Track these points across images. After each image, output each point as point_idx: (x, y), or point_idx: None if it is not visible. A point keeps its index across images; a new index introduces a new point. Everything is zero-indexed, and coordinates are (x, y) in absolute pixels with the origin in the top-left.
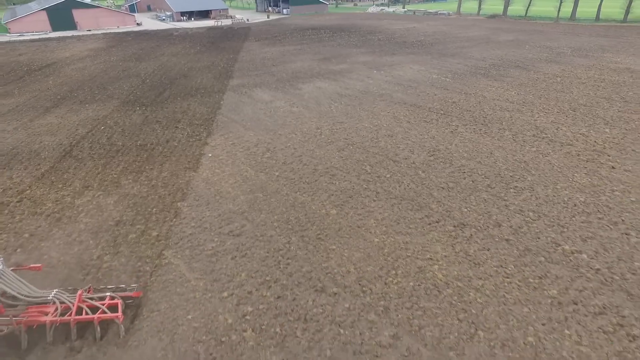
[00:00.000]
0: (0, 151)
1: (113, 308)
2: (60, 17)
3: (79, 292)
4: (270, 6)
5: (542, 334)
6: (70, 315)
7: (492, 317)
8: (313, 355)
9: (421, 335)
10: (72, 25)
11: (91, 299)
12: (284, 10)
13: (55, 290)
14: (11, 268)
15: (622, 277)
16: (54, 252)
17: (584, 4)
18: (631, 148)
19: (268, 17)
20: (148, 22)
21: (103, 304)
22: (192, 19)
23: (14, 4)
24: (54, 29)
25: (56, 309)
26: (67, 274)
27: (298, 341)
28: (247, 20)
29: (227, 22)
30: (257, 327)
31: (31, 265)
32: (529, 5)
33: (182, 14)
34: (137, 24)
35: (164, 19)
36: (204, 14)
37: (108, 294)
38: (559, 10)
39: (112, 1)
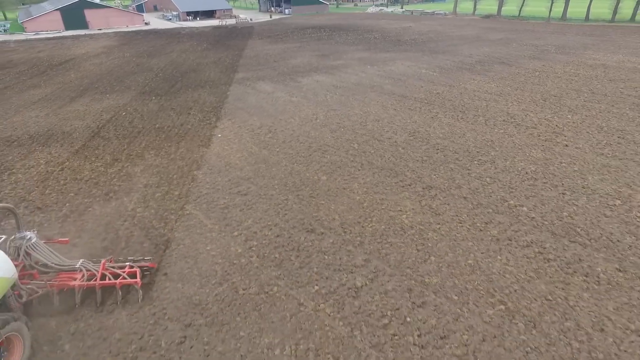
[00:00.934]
0: (38, 132)
1: (132, 276)
2: (72, 17)
3: (103, 261)
4: (272, 6)
5: (480, 258)
6: (95, 280)
7: (443, 248)
8: (304, 271)
9: (386, 260)
10: (84, 25)
11: (113, 267)
12: (286, 10)
13: (81, 260)
14: (42, 241)
15: (551, 222)
16: (96, 206)
17: (575, 4)
18: (586, 130)
19: (270, 17)
20: (155, 22)
21: (124, 272)
22: (198, 18)
23: (23, 4)
24: (67, 28)
25: (83, 275)
26: (108, 220)
27: (292, 263)
28: (251, 19)
29: (231, 21)
30: (261, 254)
31: (59, 239)
32: (522, 5)
33: (188, 13)
34: (145, 24)
35: (170, 19)
36: (209, 14)
37: (127, 263)
38: (550, 10)
39: (119, 1)
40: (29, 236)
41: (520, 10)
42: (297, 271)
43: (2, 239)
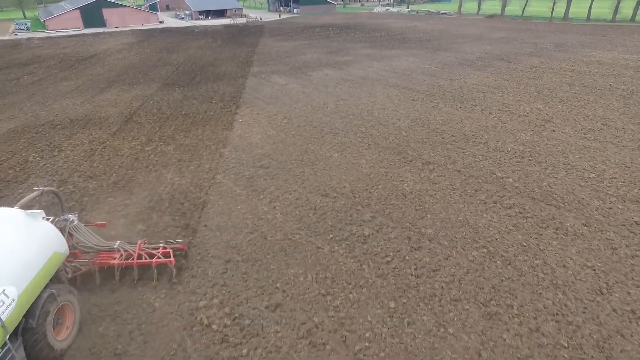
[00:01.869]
0: (77, 117)
1: (166, 255)
2: (91, 15)
3: (139, 242)
4: (281, 6)
5: (469, 216)
6: (132, 259)
7: (438, 209)
8: (320, 224)
9: (390, 216)
10: (102, 23)
11: (147, 248)
12: (294, 10)
13: (118, 241)
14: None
15: (532, 190)
16: (139, 176)
17: (577, 5)
18: (573, 118)
19: (280, 16)
20: (169, 20)
21: (158, 252)
22: (209, 17)
23: (38, 3)
24: (86, 26)
25: (121, 255)
26: (151, 186)
27: (310, 218)
28: (261, 19)
29: (242, 20)
30: (284, 212)
31: (97, 223)
32: (525, 5)
33: (200, 12)
34: (160, 22)
35: (183, 17)
36: (220, 13)
37: (161, 244)
38: (552, 10)
39: (132, 0)
40: (71, 218)
41: (523, 10)
42: (314, 224)
43: (49, 220)
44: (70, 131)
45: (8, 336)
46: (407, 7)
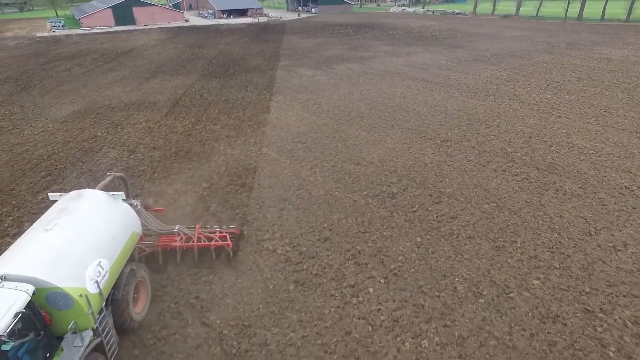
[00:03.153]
0: (130, 102)
1: (222, 239)
2: (122, 14)
3: (197, 226)
4: (300, 5)
5: (482, 180)
6: (192, 242)
7: (454, 175)
8: (355, 185)
9: (414, 180)
10: (132, 21)
11: (204, 232)
12: (313, 10)
13: (177, 226)
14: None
15: (537, 162)
16: (195, 148)
17: (591, 5)
18: (579, 107)
19: (299, 16)
20: (193, 19)
21: (215, 235)
22: (232, 16)
23: (66, 2)
24: (117, 24)
25: (181, 238)
26: (207, 156)
27: (346, 180)
28: (281, 17)
29: (263, 19)
30: (323, 175)
31: (156, 208)
32: (539, 6)
33: (223, 11)
34: (186, 20)
35: (206, 16)
36: (242, 12)
37: (217, 228)
38: (566, 10)
39: (156, 0)
40: (135, 203)
41: (537, 11)
42: (350, 185)
43: None
44: (127, 113)
45: (104, 304)
46: (423, 8)
